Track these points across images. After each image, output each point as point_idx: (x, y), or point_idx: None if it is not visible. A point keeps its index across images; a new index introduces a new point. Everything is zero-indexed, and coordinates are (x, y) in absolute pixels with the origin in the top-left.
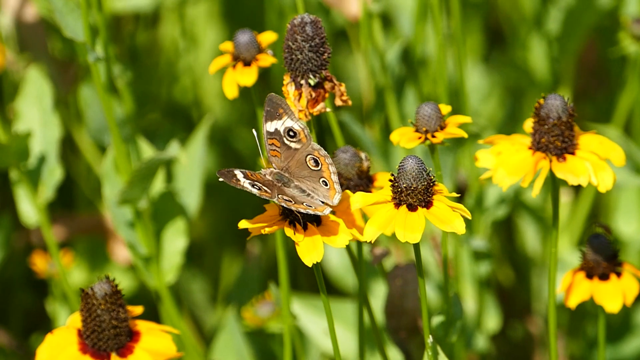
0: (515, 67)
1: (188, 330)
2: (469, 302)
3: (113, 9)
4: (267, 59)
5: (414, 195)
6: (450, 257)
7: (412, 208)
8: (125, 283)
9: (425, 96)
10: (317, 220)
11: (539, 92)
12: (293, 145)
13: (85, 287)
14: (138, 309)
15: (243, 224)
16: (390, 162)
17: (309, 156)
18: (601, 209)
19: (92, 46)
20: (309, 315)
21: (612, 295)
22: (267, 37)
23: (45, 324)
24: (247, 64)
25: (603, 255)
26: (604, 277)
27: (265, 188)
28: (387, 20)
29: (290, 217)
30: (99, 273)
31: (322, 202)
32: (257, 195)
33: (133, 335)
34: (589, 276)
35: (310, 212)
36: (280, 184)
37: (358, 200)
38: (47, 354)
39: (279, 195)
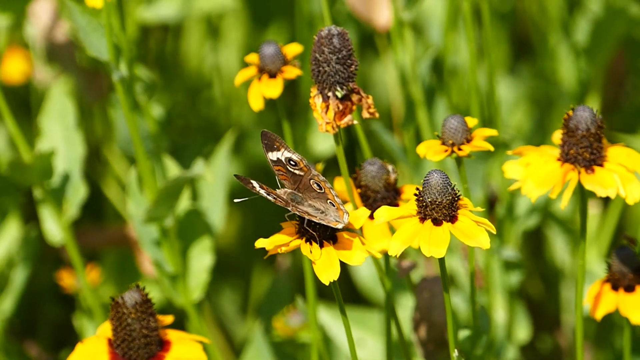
0: (543, 78)
1: (214, 345)
2: (500, 312)
3: (141, 19)
4: (292, 71)
5: (438, 209)
6: (481, 267)
7: (437, 222)
8: (154, 295)
9: (455, 106)
10: (333, 237)
11: (567, 103)
12: (297, 172)
13: (115, 296)
14: (168, 318)
15: (260, 243)
16: (421, 172)
17: (311, 180)
18: (629, 221)
19: (116, 65)
20: (339, 325)
21: (637, 307)
22: (293, 49)
23: (75, 338)
24: (273, 75)
25: (629, 267)
26: (629, 289)
27: (280, 199)
28: (416, 30)
29: (307, 235)
30: (128, 286)
31: (336, 220)
32: (272, 201)
33: (163, 345)
34: (615, 288)
35: (324, 223)
36: (294, 203)
37: (383, 214)
38: None
39: (293, 206)
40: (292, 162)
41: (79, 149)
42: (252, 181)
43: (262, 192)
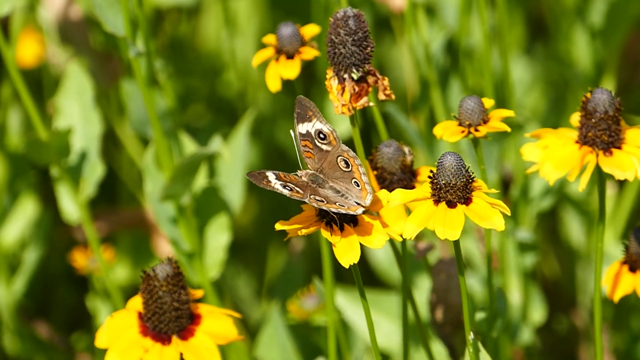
0: (559, 60)
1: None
2: (514, 294)
3: (156, 2)
4: (310, 52)
5: (453, 192)
6: (496, 248)
7: (451, 205)
8: None
9: (470, 88)
10: (353, 220)
11: (582, 85)
12: (324, 147)
13: (147, 269)
14: (199, 292)
15: (280, 225)
16: (435, 154)
17: (339, 157)
18: None
19: (132, 41)
20: (354, 308)
21: None
22: (310, 30)
23: (87, 320)
24: (290, 56)
25: None
26: None
27: (297, 189)
28: (431, 11)
29: (327, 217)
30: (143, 268)
31: (356, 203)
32: (288, 196)
33: (194, 318)
34: (632, 270)
35: (342, 211)
36: (315, 185)
37: (397, 197)
38: (108, 337)
39: (311, 196)
40: (321, 136)
41: (97, 127)
42: (267, 174)
43: (278, 185)
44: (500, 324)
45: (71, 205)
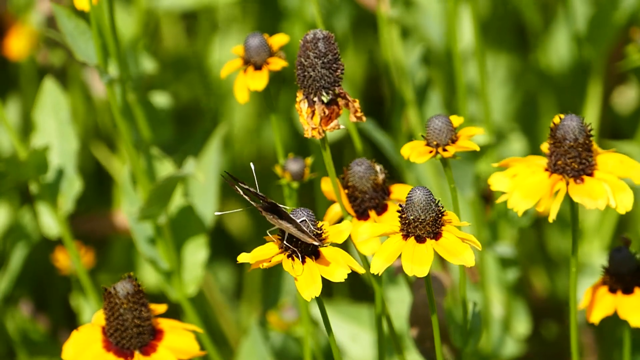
0: (538, 74)
1: (207, 338)
2: (496, 307)
3: (150, 8)
4: (278, 63)
5: (422, 227)
6: (477, 262)
7: (420, 240)
8: (154, 279)
9: (448, 102)
10: (315, 253)
11: (559, 93)
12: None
13: (107, 286)
14: (161, 307)
15: (242, 257)
16: (414, 169)
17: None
18: (632, 213)
19: (104, 68)
20: (335, 320)
21: (636, 309)
22: (279, 40)
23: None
24: (258, 67)
25: (626, 268)
26: (627, 291)
27: (264, 206)
28: (410, 25)
29: (289, 250)
30: (134, 270)
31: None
32: (254, 206)
33: (156, 334)
34: (612, 290)
35: (301, 237)
36: (274, 215)
37: (366, 231)
38: (73, 350)
39: (273, 216)
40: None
41: (73, 144)
42: (239, 183)
43: (247, 197)
44: (476, 341)
45: (51, 221)
